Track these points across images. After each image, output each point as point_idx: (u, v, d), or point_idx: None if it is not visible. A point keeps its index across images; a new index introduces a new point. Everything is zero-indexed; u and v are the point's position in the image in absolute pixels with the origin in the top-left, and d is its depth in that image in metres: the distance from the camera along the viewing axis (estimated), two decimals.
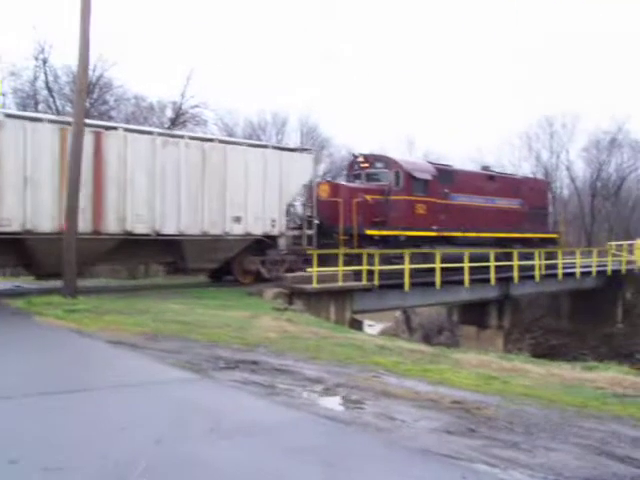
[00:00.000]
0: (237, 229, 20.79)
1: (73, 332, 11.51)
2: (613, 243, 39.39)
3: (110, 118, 37.38)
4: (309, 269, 20.16)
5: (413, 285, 22.85)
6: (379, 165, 26.09)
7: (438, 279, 23.18)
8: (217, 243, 20.38)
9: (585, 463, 5.40)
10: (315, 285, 19.47)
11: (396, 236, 24.64)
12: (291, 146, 28.86)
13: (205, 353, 9.89)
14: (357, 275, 21.30)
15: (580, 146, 61.56)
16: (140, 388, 7.63)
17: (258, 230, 21.30)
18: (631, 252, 36.22)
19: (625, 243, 37.65)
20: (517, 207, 31.28)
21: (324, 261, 21.22)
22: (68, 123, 17.29)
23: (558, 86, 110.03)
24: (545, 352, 31.85)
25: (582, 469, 5.24)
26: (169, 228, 19.28)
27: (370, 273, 21.31)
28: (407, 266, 22.19)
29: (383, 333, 35.19)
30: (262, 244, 21.50)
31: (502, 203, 30.35)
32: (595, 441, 6.09)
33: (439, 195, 26.58)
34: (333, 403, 7.23)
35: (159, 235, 19.11)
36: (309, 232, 22.80)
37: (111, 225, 18.12)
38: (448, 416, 6.79)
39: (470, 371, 9.78)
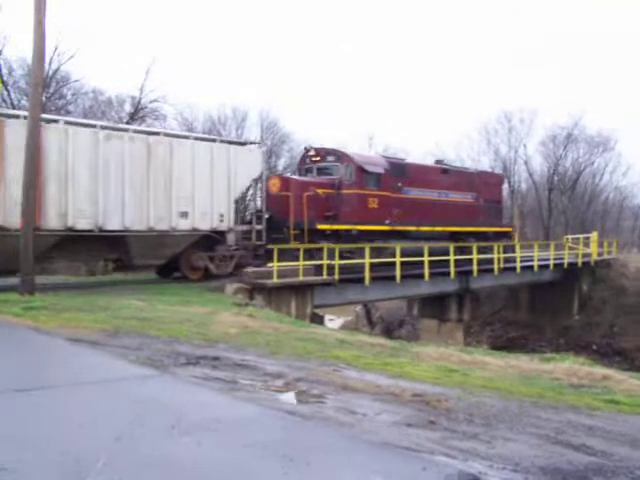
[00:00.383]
0: (184, 224, 20.35)
1: (31, 330, 11.33)
2: (570, 236, 40.00)
3: (67, 112, 36.95)
4: (270, 264, 20.07)
5: (373, 279, 22.86)
6: (331, 159, 25.81)
7: (398, 273, 23.24)
8: (163, 239, 19.97)
9: (542, 452, 5.50)
10: (276, 280, 19.44)
11: (348, 230, 24.48)
12: (240, 140, 28.46)
13: (166, 349, 9.82)
14: (317, 270, 21.25)
15: (538, 141, 62.48)
16: (100, 385, 7.55)
17: (206, 225, 20.94)
18: (587, 245, 36.79)
19: (581, 236, 38.24)
20: (471, 201, 31.26)
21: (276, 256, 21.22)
22: (7, 115, 17.07)
23: (516, 82, 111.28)
24: (504, 344, 32.32)
25: (539, 458, 5.33)
26: (113, 224, 18.76)
27: (330, 268, 21.30)
28: (367, 260, 22.22)
29: (344, 327, 35.31)
30: (211, 240, 21.20)
31: (456, 197, 30.32)
32: (551, 431, 6.20)
33: (392, 189, 26.43)
34: (294, 398, 7.23)
35: (102, 231, 18.58)
36: (258, 227, 22.60)
37: (52, 221, 17.52)
38: (409, 409, 6.84)
39: (430, 364, 9.87)
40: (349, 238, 24.17)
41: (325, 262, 21.05)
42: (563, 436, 6.06)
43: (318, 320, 20.78)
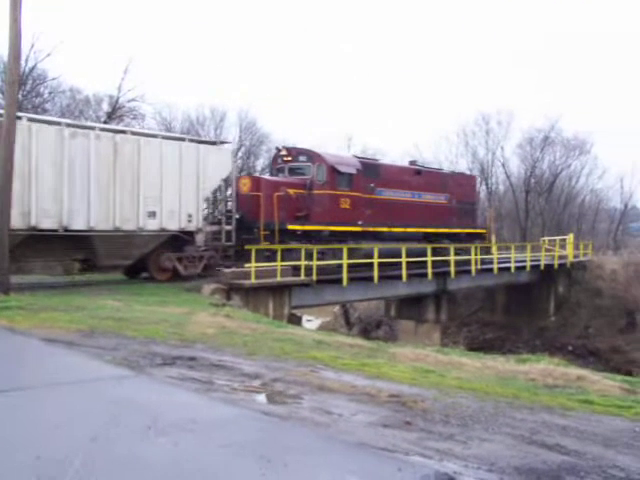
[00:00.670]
0: (152, 224, 20.03)
1: (6, 330, 11.23)
2: (546, 238, 40.30)
3: (44, 111, 36.68)
4: (247, 264, 20.01)
5: (351, 280, 22.89)
6: (302, 159, 25.58)
7: (376, 274, 23.28)
8: (131, 239, 19.67)
9: (516, 452, 5.54)
10: (253, 281, 19.40)
11: (319, 231, 24.33)
12: (209, 139, 28.19)
13: (142, 349, 9.78)
14: (295, 270, 21.22)
15: (515, 143, 62.88)
16: (75, 386, 7.50)
17: (174, 225, 20.63)
18: (563, 247, 37.08)
19: (557, 238, 38.53)
20: (444, 202, 31.23)
21: (245, 257, 21.10)
22: None
23: (494, 84, 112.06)
24: (481, 345, 32.52)
25: (514, 458, 5.37)
26: (78, 223, 18.37)
27: (308, 268, 21.28)
28: (345, 261, 22.23)
29: (322, 328, 35.37)
30: (179, 240, 20.93)
31: (429, 198, 30.24)
32: (526, 431, 6.25)
33: (364, 189, 26.28)
34: (270, 398, 7.22)
35: (67, 231, 18.20)
36: (228, 227, 22.35)
37: (14, 220, 16.90)
38: (385, 410, 6.86)
39: (407, 365, 9.90)
40: (321, 239, 24.06)
41: (303, 263, 21.02)
42: (538, 436, 6.10)
43: (296, 321, 20.81)
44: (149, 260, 20.52)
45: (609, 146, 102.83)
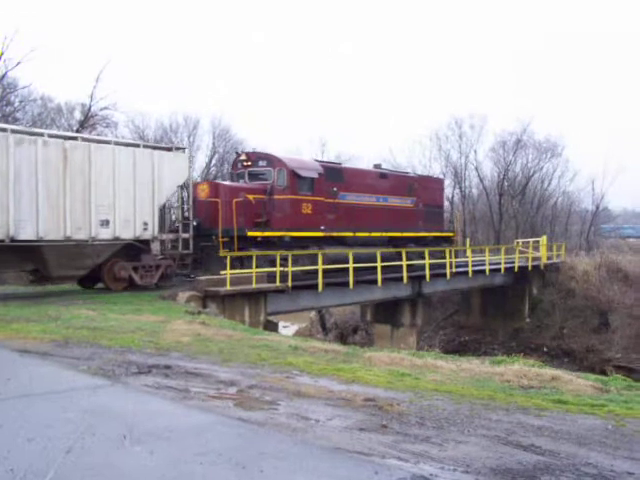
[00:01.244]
0: (105, 233, 19.42)
1: None
2: (520, 240, 40.56)
3: (15, 120, 36.29)
4: (222, 272, 19.92)
5: (327, 286, 22.83)
6: (262, 163, 25.05)
7: (351, 279, 23.26)
8: (83, 249, 19.03)
9: (492, 454, 5.58)
10: (228, 287, 19.32)
11: (281, 237, 23.89)
12: (165, 145, 27.21)
13: (117, 359, 9.73)
14: (270, 277, 21.14)
15: (488, 147, 63.20)
16: (49, 396, 7.44)
17: (128, 234, 20.03)
18: (537, 249, 37.36)
19: (531, 240, 38.80)
20: (410, 205, 30.87)
21: (204, 265, 21.00)
22: None
23: (467, 89, 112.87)
24: (457, 348, 32.65)
25: (489, 459, 5.42)
26: (26, 233, 17.70)
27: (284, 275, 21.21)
28: (320, 266, 22.18)
29: (298, 334, 35.31)
30: (135, 249, 20.39)
31: (395, 201, 29.87)
32: (502, 432, 6.30)
33: (327, 194, 25.87)
34: (247, 405, 7.21)
35: (14, 241, 17.50)
36: (185, 235, 21.85)
37: None
38: (361, 414, 6.89)
39: (382, 369, 9.92)
40: (282, 245, 23.61)
41: (278, 269, 20.95)
42: (513, 437, 6.16)
43: (272, 327, 20.69)
44: (103, 269, 19.91)
45: (580, 149, 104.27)
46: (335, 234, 25.95)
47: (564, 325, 33.65)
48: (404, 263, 25.81)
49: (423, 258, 27.43)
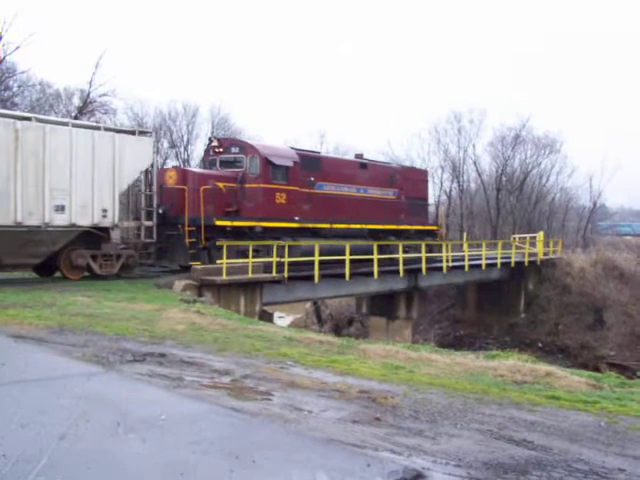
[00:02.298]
0: (60, 219, 18.40)
1: None
2: (517, 236, 40.61)
3: (14, 105, 36.17)
4: (219, 261, 19.87)
5: (323, 277, 22.80)
6: (235, 150, 24.20)
7: (348, 271, 23.26)
8: (35, 235, 18.09)
9: (484, 448, 5.59)
10: (225, 277, 19.30)
11: (252, 227, 23.09)
12: (128, 128, 26.20)
13: (112, 346, 9.73)
14: (267, 267, 21.08)
15: (486, 141, 63.20)
16: (43, 383, 7.44)
17: (86, 221, 19.04)
18: (533, 245, 37.39)
19: (528, 236, 38.83)
20: (392, 197, 30.09)
21: (170, 256, 20.55)
22: None
23: (467, 83, 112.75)
24: (452, 342, 32.70)
25: (481, 453, 5.43)
26: None
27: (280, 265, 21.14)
28: (317, 258, 22.14)
29: (293, 325, 35.34)
30: (95, 237, 19.45)
31: (375, 193, 29.04)
32: (494, 426, 6.31)
33: (303, 183, 25.07)
34: (240, 395, 7.21)
35: None
36: (148, 223, 21.04)
37: None
38: (355, 406, 6.89)
39: (377, 361, 9.94)
40: (253, 236, 22.97)
41: (275, 259, 20.91)
42: (505, 431, 6.17)
43: (267, 318, 20.69)
44: (60, 257, 19.06)
45: (578, 145, 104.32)
46: (311, 225, 25.24)
47: (559, 321, 33.75)
48: (400, 256, 25.77)
49: (405, 252, 26.72)
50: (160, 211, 21.45)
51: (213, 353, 9.71)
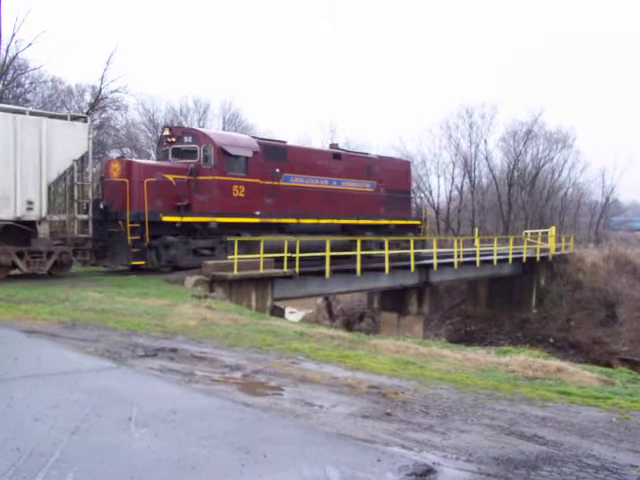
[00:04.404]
0: None
1: None
2: (528, 231, 40.46)
3: (26, 101, 36.28)
4: (230, 257, 19.84)
5: (334, 272, 22.70)
6: (187, 140, 22.42)
7: (359, 266, 23.22)
8: None
9: (495, 443, 5.59)
10: (236, 273, 19.32)
11: (205, 223, 21.63)
12: (59, 113, 24.02)
13: (124, 341, 9.78)
14: (278, 262, 20.96)
15: (498, 137, 62.91)
16: (56, 377, 7.50)
17: (7, 214, 17.40)
18: (545, 240, 37.26)
19: (540, 231, 38.69)
20: (370, 190, 28.31)
21: (112, 254, 19.70)
22: None
23: (478, 78, 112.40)
24: (463, 338, 32.65)
25: (492, 449, 5.42)
26: None
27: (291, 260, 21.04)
28: (328, 253, 22.06)
29: (305, 320, 35.36)
30: (24, 232, 17.89)
31: (351, 185, 27.28)
32: (505, 422, 6.31)
33: (265, 175, 23.33)
34: (251, 390, 7.24)
35: None
36: (82, 217, 19.28)
37: None
38: (365, 401, 6.90)
39: (387, 357, 9.94)
40: (208, 232, 21.76)
41: (285, 255, 20.86)
42: (516, 427, 6.16)
43: (279, 313, 20.69)
44: None
45: (591, 140, 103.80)
46: (274, 220, 23.68)
47: (571, 317, 33.62)
48: (412, 251, 25.68)
49: (382, 248, 25.20)
50: (101, 206, 20.06)
51: (224, 348, 9.75)
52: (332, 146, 30.23)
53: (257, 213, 23.05)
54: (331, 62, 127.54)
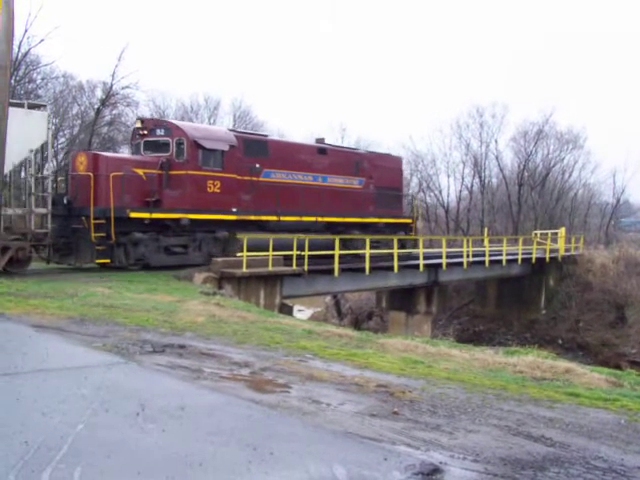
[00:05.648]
0: None
1: None
2: (538, 232, 40.35)
3: (37, 97, 36.41)
4: (239, 254, 19.81)
5: (343, 271, 22.72)
6: (160, 132, 21.55)
7: (368, 265, 23.21)
8: None
9: (502, 443, 5.58)
10: (245, 270, 19.35)
11: (177, 219, 20.75)
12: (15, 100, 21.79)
13: (132, 337, 9.81)
14: (287, 260, 21.00)
15: (509, 136, 62.74)
16: (64, 372, 7.52)
17: None
18: (555, 241, 37.15)
19: (549, 232, 38.59)
20: (358, 187, 27.38)
21: (77, 252, 19.04)
22: None
23: (489, 77, 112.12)
24: (471, 337, 32.60)
25: (499, 449, 5.41)
26: None
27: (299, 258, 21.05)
28: (337, 252, 22.07)
29: (313, 318, 35.38)
30: None
31: (337, 182, 26.34)
32: (513, 422, 6.29)
33: (243, 170, 22.44)
34: (259, 387, 7.24)
35: None
36: (41, 210, 18.52)
37: None
38: (372, 399, 6.90)
39: (395, 355, 9.93)
40: (180, 229, 20.98)
41: (295, 253, 20.86)
42: (524, 428, 6.14)
43: (287, 310, 20.71)
44: None
45: (602, 141, 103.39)
46: (253, 218, 22.80)
47: (580, 318, 33.51)
48: (421, 251, 25.66)
49: (372, 247, 24.26)
50: (65, 201, 19.37)
51: (232, 345, 9.76)
52: (318, 141, 29.28)
53: (234, 210, 22.20)
54: (342, 61, 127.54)
